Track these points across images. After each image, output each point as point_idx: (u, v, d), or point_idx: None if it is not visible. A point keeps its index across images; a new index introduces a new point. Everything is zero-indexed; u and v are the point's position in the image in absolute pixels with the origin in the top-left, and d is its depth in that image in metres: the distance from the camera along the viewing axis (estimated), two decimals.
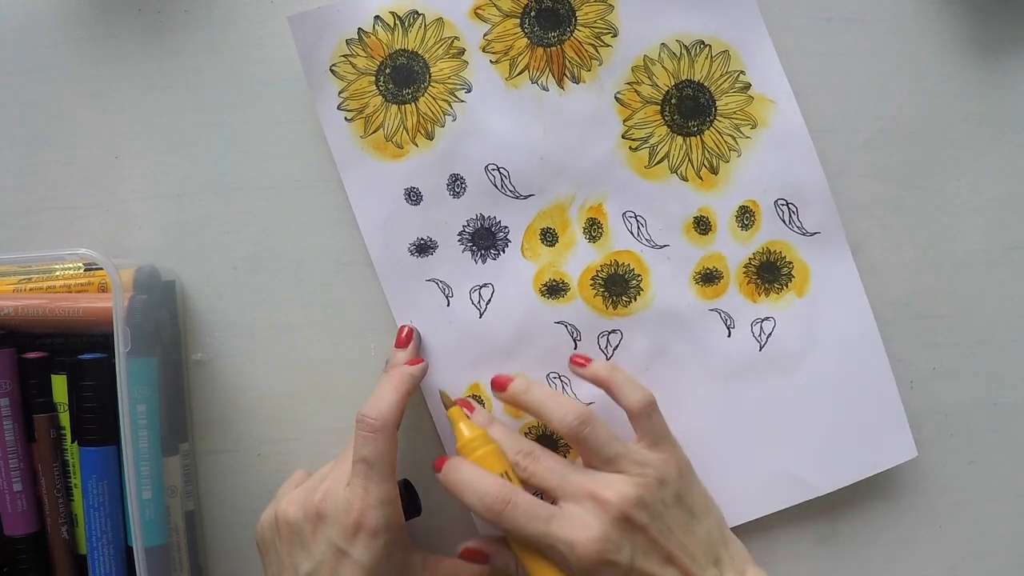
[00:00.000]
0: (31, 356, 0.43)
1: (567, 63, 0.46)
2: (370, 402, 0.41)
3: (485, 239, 0.46)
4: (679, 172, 0.46)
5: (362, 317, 0.47)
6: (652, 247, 0.46)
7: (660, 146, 0.46)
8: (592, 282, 0.46)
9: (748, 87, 0.46)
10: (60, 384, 0.43)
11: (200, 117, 0.48)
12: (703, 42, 0.45)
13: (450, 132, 0.46)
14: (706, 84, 0.46)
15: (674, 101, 0.46)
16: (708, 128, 0.46)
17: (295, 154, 0.47)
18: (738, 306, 0.46)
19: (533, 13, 0.45)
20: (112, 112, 0.48)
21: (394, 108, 0.46)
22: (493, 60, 0.46)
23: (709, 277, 0.46)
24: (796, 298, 0.46)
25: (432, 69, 0.46)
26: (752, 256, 0.46)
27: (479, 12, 0.45)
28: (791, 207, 0.46)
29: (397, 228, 0.46)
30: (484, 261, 0.46)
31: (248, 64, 0.47)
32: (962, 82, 0.46)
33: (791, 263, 0.46)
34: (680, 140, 0.46)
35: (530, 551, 0.40)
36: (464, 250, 0.46)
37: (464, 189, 0.46)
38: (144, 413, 0.42)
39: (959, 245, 0.47)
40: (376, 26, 0.45)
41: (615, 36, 0.45)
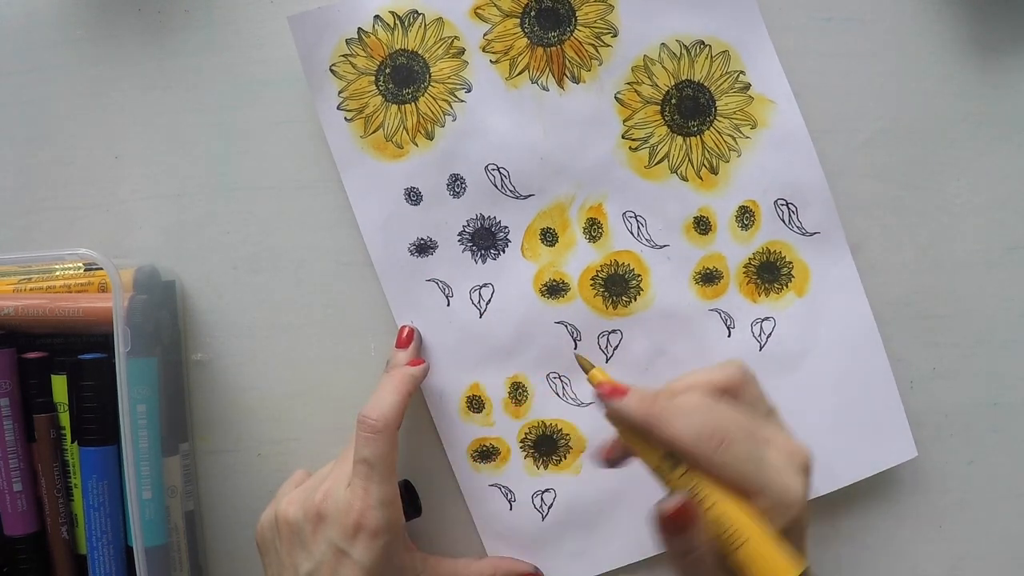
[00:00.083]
0: (31, 356, 0.43)
1: (567, 63, 0.45)
2: (371, 403, 0.41)
3: (485, 239, 0.46)
4: (679, 172, 0.46)
5: (362, 317, 0.47)
6: (652, 247, 0.46)
7: (660, 146, 0.46)
8: (592, 282, 0.46)
9: (748, 87, 0.46)
10: (60, 384, 0.43)
11: (200, 117, 0.48)
12: (703, 42, 0.45)
13: (450, 132, 0.46)
14: (706, 84, 0.46)
15: (674, 101, 0.46)
16: (708, 128, 0.46)
17: (295, 154, 0.47)
18: (738, 306, 0.46)
19: (533, 13, 0.45)
20: (112, 112, 0.48)
21: (394, 108, 0.46)
22: (493, 60, 0.46)
23: (709, 277, 0.46)
24: (796, 298, 0.46)
25: (432, 69, 0.46)
26: (752, 256, 0.46)
27: (479, 12, 0.45)
28: (791, 207, 0.46)
29: (397, 228, 0.46)
30: (484, 261, 0.46)
31: (248, 64, 0.47)
32: (962, 82, 0.46)
33: (791, 263, 0.46)
34: (680, 140, 0.46)
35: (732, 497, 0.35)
36: (464, 250, 0.46)
37: (464, 189, 0.46)
38: (144, 413, 0.42)
39: (959, 245, 0.47)
40: (376, 26, 0.45)
41: (615, 36, 0.45)
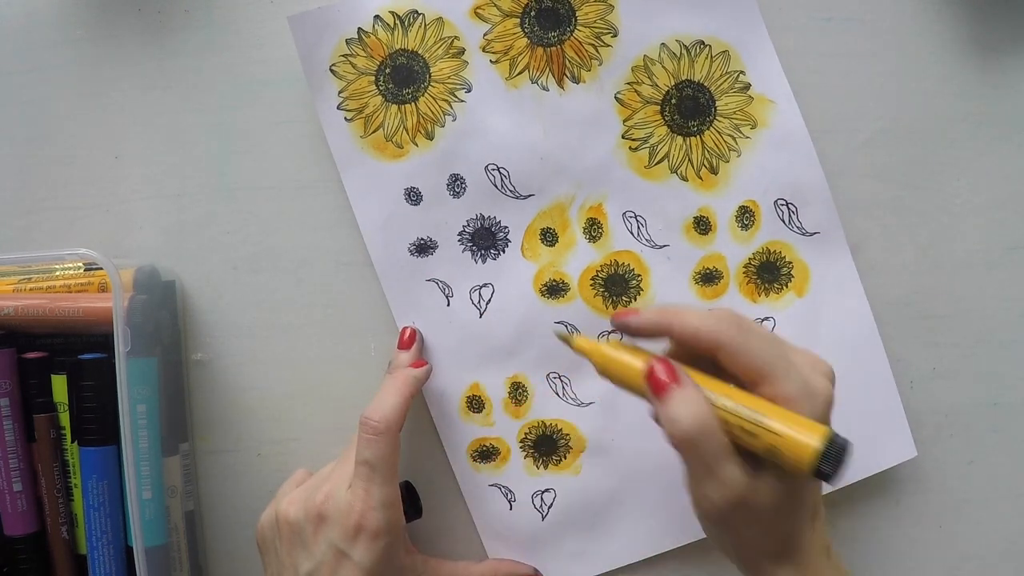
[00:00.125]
0: (31, 356, 0.43)
1: (567, 63, 0.45)
2: (373, 404, 0.41)
3: (485, 239, 0.46)
4: (679, 172, 0.46)
5: (362, 317, 0.47)
6: (652, 247, 0.46)
7: (660, 146, 0.46)
8: (592, 282, 0.46)
9: (748, 87, 0.46)
10: (60, 384, 0.43)
11: (200, 117, 0.48)
12: (703, 42, 0.45)
13: (450, 132, 0.46)
14: (706, 84, 0.46)
15: (674, 101, 0.46)
16: (708, 128, 0.46)
17: (295, 154, 0.47)
18: (738, 306, 0.46)
19: (533, 13, 0.45)
20: (112, 112, 0.48)
21: (394, 108, 0.46)
22: (493, 60, 0.46)
23: (709, 277, 0.46)
24: (796, 298, 0.46)
25: (432, 69, 0.46)
26: (752, 256, 0.46)
27: (479, 12, 0.45)
28: (791, 207, 0.46)
29: (397, 228, 0.46)
30: (484, 261, 0.46)
31: (248, 64, 0.47)
32: (962, 82, 0.46)
33: (791, 263, 0.46)
34: (680, 140, 0.46)
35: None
36: (464, 250, 0.46)
37: (464, 189, 0.46)
38: (144, 413, 0.42)
39: (959, 245, 0.47)
40: (376, 26, 0.45)
41: (615, 36, 0.45)
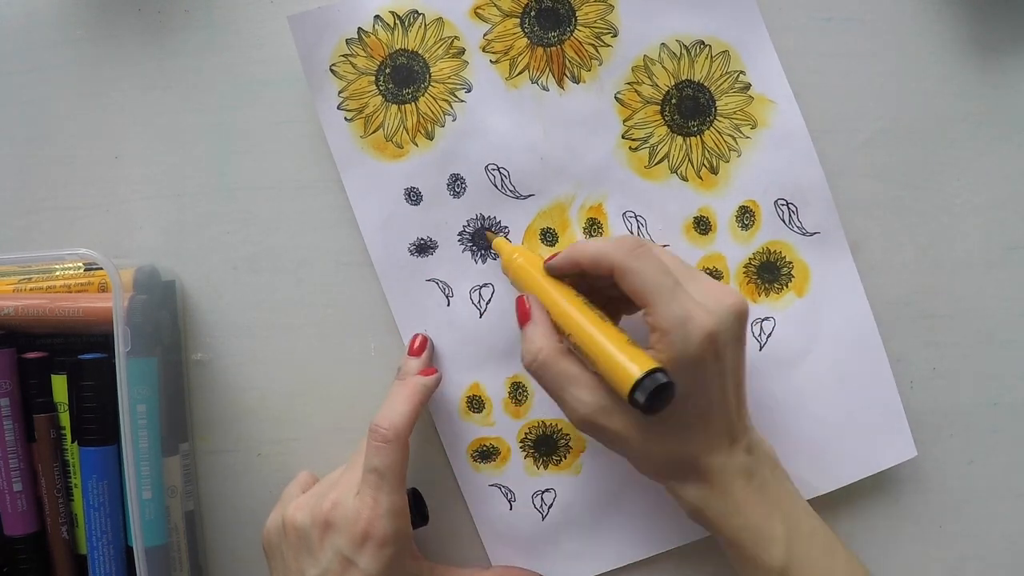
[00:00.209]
0: (31, 356, 0.43)
1: (567, 63, 0.45)
2: (383, 411, 0.41)
3: (485, 239, 0.46)
4: (679, 172, 0.46)
5: (362, 317, 0.47)
6: None
7: (660, 146, 0.46)
8: None
9: (748, 87, 0.46)
10: (60, 384, 0.43)
11: (200, 117, 0.48)
12: (703, 42, 0.45)
13: (450, 132, 0.46)
14: (706, 84, 0.46)
15: (674, 101, 0.46)
16: (708, 128, 0.46)
17: (295, 154, 0.47)
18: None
19: (533, 13, 0.45)
20: (112, 112, 0.48)
21: (394, 108, 0.46)
22: (493, 60, 0.46)
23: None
24: (796, 298, 0.46)
25: (432, 69, 0.46)
26: (752, 256, 0.46)
27: (479, 12, 0.45)
28: (791, 207, 0.46)
29: (397, 228, 0.46)
30: (484, 261, 0.46)
31: (248, 64, 0.47)
32: (962, 82, 0.46)
33: (791, 263, 0.46)
34: (680, 140, 0.46)
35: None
36: (464, 250, 0.46)
37: (464, 189, 0.46)
38: (144, 413, 0.42)
39: (959, 245, 0.47)
40: (376, 26, 0.45)
41: (615, 36, 0.45)
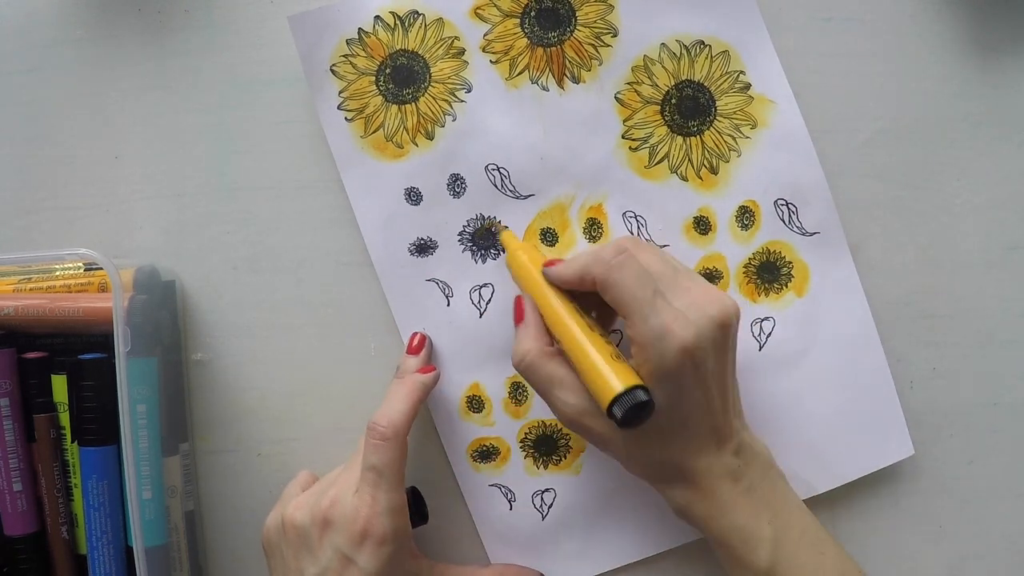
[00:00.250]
0: (31, 356, 0.43)
1: (567, 63, 0.45)
2: (381, 410, 0.41)
3: (485, 239, 0.46)
4: (679, 172, 0.46)
5: (362, 317, 0.47)
6: None
7: (660, 146, 0.46)
8: None
9: (748, 87, 0.46)
10: (60, 384, 0.43)
11: (200, 117, 0.48)
12: (703, 42, 0.45)
13: (450, 132, 0.46)
14: (706, 84, 0.46)
15: (674, 101, 0.46)
16: (708, 128, 0.46)
17: (295, 154, 0.47)
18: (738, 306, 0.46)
19: (533, 13, 0.45)
20: (112, 112, 0.48)
21: (394, 108, 0.46)
22: (493, 60, 0.46)
23: (709, 277, 0.46)
24: (796, 298, 0.46)
25: (432, 69, 0.46)
26: (752, 256, 0.46)
27: (479, 12, 0.45)
28: (791, 207, 0.46)
29: (397, 228, 0.46)
30: (484, 261, 0.46)
31: (248, 64, 0.47)
32: (962, 82, 0.46)
33: (791, 263, 0.46)
34: (680, 140, 0.46)
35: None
36: (464, 250, 0.46)
37: (464, 189, 0.46)
38: (144, 413, 0.42)
39: (959, 245, 0.47)
40: (376, 26, 0.45)
41: (615, 36, 0.45)
